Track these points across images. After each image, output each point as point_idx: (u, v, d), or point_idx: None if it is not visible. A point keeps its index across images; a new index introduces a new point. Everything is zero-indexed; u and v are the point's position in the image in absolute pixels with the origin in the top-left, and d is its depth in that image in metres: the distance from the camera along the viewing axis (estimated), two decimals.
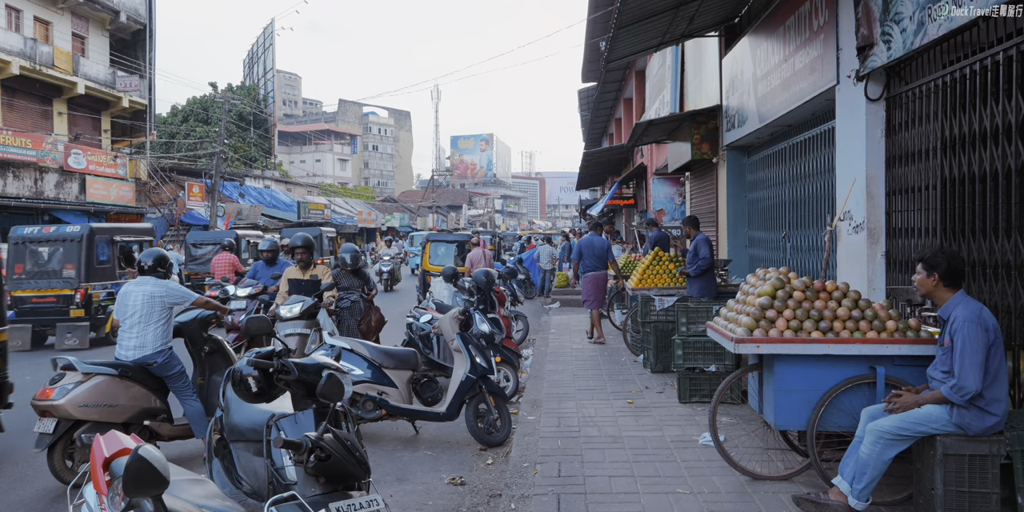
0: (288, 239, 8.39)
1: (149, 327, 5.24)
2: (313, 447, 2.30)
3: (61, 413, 4.78)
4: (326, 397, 2.58)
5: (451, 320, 6.06)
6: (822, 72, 6.35)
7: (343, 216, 41.12)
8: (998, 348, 3.38)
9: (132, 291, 5.30)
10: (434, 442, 5.96)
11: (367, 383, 5.80)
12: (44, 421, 4.83)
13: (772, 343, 4.02)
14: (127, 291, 5.34)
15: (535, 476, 4.58)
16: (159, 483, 1.90)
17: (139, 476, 1.87)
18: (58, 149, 21.62)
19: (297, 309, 6.63)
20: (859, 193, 5.61)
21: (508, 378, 7.32)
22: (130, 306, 5.25)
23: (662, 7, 8.03)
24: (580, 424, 5.83)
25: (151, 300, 5.24)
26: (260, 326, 3.30)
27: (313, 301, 6.68)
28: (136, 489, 1.89)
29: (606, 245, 10.16)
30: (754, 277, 4.63)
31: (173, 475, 2.87)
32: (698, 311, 6.57)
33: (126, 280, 10.66)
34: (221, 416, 3.77)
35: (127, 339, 5.24)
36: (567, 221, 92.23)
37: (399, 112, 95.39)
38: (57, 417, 4.80)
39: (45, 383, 5.01)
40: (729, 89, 9.92)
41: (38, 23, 24.33)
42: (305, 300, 6.69)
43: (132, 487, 1.88)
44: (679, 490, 4.24)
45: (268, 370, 3.09)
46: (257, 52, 49.51)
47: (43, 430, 4.81)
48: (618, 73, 21.16)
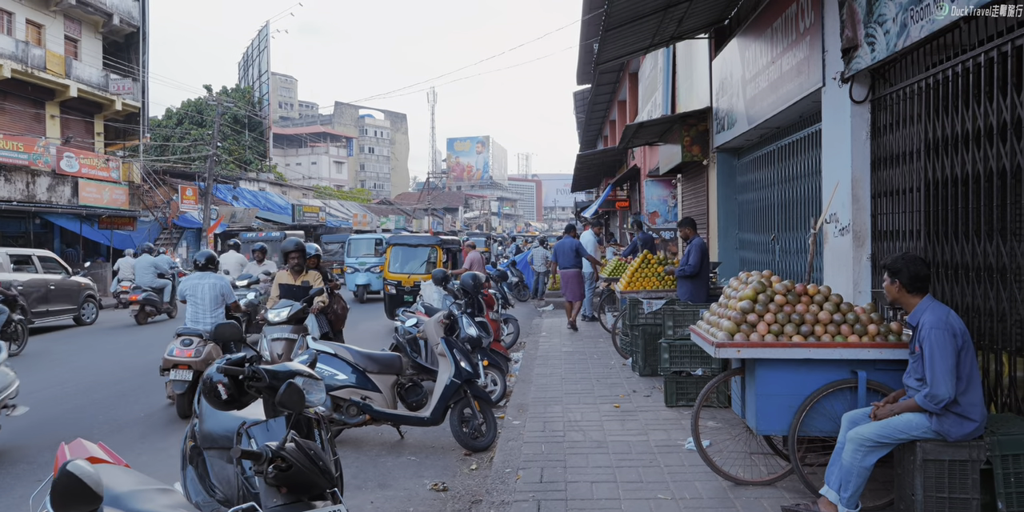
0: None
1: (219, 309, 6.98)
2: (274, 457, 2.25)
3: (197, 366, 6.43)
4: (285, 406, 2.53)
5: (436, 324, 6.01)
6: (808, 74, 6.33)
7: (338, 219, 41.02)
8: (968, 352, 3.35)
9: (199, 283, 6.98)
10: (419, 447, 5.92)
11: (351, 388, 5.75)
12: (180, 372, 6.46)
13: (753, 347, 3.99)
14: (195, 284, 6.98)
15: (517, 482, 4.54)
16: (91, 499, 1.84)
17: (67, 493, 1.81)
18: (50, 152, 21.53)
19: (284, 314, 6.59)
20: (845, 195, 5.58)
21: (496, 382, 7.28)
22: (199, 295, 6.95)
23: (651, 9, 8.01)
24: (565, 429, 5.79)
25: (214, 289, 6.96)
26: (229, 332, 3.24)
27: (301, 306, 6.64)
28: (65, 506, 1.83)
29: (574, 244, 11.90)
30: (736, 280, 4.59)
31: (138, 484, 2.83)
32: (685, 314, 6.54)
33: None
34: (195, 423, 3.72)
35: (203, 317, 6.91)
36: (563, 223, 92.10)
37: (395, 114, 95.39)
38: (194, 369, 6.40)
39: (177, 344, 6.62)
40: (719, 91, 9.90)
41: (30, 26, 24.25)
42: (293, 304, 6.65)
43: (61, 504, 1.82)
44: (660, 496, 4.20)
45: (238, 377, 3.04)
46: (252, 55, 49.49)
47: (181, 378, 6.44)
48: (612, 75, 21.14)
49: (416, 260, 14.22)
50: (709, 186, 10.90)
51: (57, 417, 6.86)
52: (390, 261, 14.35)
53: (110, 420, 6.74)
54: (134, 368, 9.35)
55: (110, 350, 11.23)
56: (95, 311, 15.16)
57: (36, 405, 7.03)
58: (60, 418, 6.83)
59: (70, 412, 7.08)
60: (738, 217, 10.14)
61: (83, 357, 10.52)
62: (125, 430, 6.40)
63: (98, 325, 14.69)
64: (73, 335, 13.26)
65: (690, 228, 8.27)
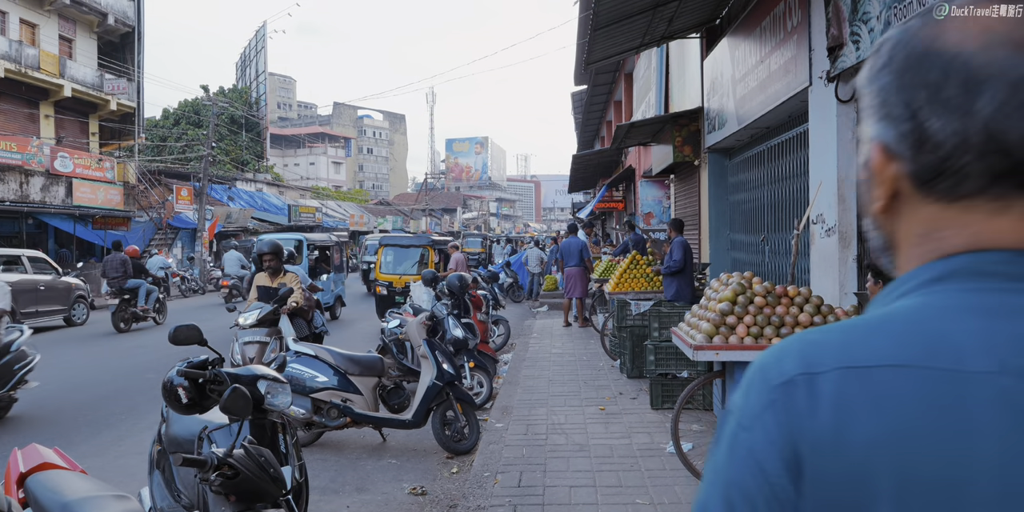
0: None
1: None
2: (220, 464, 2.18)
3: None
4: (229, 412, 2.46)
5: (418, 325, 5.94)
6: (796, 73, 6.27)
7: (335, 219, 40.96)
8: None
9: None
10: (401, 450, 5.85)
11: (331, 390, 5.68)
12: None
13: (731, 350, 3.92)
14: None
15: (495, 487, 4.47)
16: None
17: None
18: (44, 152, 21.46)
19: (253, 318, 6.48)
20: (831, 196, 5.52)
21: (482, 384, 7.20)
22: None
23: (639, 8, 7.95)
24: (548, 432, 5.72)
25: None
26: (188, 334, 3.17)
27: (272, 308, 6.52)
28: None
29: (580, 244, 12.05)
30: (717, 282, 4.53)
31: (93, 491, 2.77)
32: (670, 316, 6.47)
33: None
34: (163, 427, 3.65)
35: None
36: (562, 224, 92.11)
37: (394, 115, 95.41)
38: None
39: None
40: (710, 91, 9.84)
41: (24, 25, 24.19)
42: (263, 307, 6.55)
43: None
44: (639, 501, 4.13)
45: (199, 380, 2.98)
46: (249, 55, 49.45)
47: None
48: (607, 76, 21.09)
49: (408, 261, 13.96)
50: (701, 187, 10.84)
51: (35, 419, 6.79)
52: (381, 262, 14.14)
53: (90, 423, 6.67)
54: (117, 370, 9.28)
55: (95, 352, 11.15)
56: (86, 312, 15.07)
57: (16, 406, 6.96)
58: (38, 420, 6.76)
59: (49, 414, 7.00)
60: (730, 218, 10.07)
61: (67, 359, 10.44)
62: (104, 433, 6.32)
63: (88, 326, 14.60)
64: (61, 336, 13.18)
65: (674, 229, 8.25)
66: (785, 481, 0.61)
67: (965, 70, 0.63)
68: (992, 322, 0.62)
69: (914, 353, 0.61)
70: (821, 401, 0.61)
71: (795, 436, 0.61)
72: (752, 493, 0.62)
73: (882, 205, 0.72)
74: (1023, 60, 0.62)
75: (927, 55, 0.66)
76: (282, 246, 7.17)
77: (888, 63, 0.69)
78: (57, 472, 2.80)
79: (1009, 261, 0.64)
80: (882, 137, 0.70)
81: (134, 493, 3.36)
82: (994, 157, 0.63)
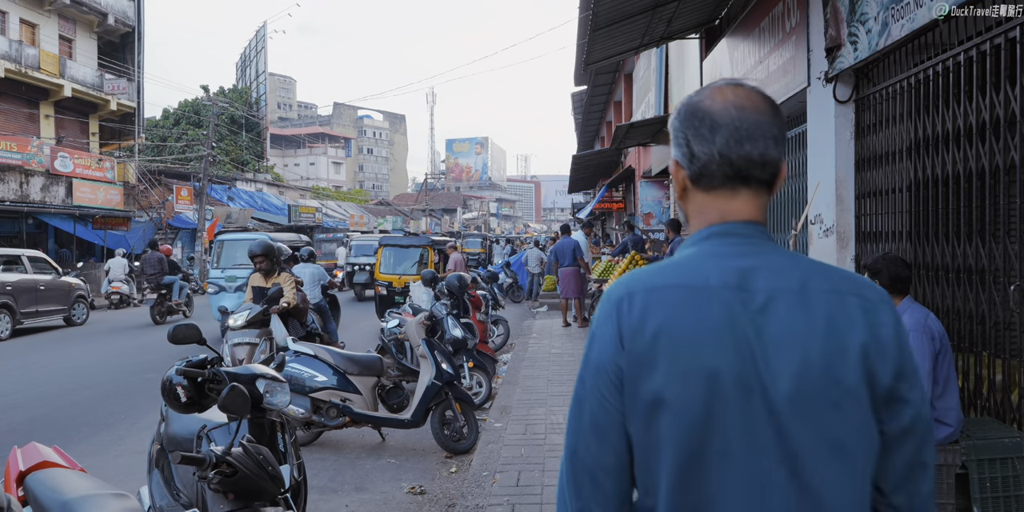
0: None
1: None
2: (218, 462, 2.20)
3: None
4: (228, 410, 2.47)
5: (416, 325, 5.96)
6: (794, 74, 6.28)
7: (335, 219, 40.95)
8: (946, 356, 3.29)
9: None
10: (400, 450, 5.86)
11: (330, 390, 5.69)
12: None
13: None
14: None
15: (493, 486, 4.48)
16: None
17: None
18: (44, 152, 21.47)
19: (242, 319, 6.46)
20: (829, 196, 5.53)
21: (481, 384, 7.22)
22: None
23: (639, 8, 7.96)
24: (547, 431, 5.73)
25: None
26: (187, 334, 3.18)
27: (261, 308, 6.50)
28: None
29: (573, 244, 12.06)
30: None
31: (92, 489, 2.78)
32: None
33: None
34: (162, 426, 3.67)
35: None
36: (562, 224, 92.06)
37: (394, 115, 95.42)
38: None
39: None
40: None
41: (24, 25, 24.21)
42: (253, 308, 6.53)
43: None
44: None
45: (198, 379, 2.99)
46: (249, 55, 49.47)
47: None
48: (607, 76, 21.11)
49: (407, 261, 13.96)
50: None
51: (37, 418, 6.80)
52: (381, 262, 14.11)
53: (89, 422, 6.68)
54: (117, 370, 9.29)
55: (95, 352, 11.17)
56: (86, 311, 15.09)
57: (16, 406, 6.98)
58: (39, 419, 6.77)
59: (49, 413, 7.02)
60: None
61: (67, 358, 10.46)
62: (103, 432, 6.34)
63: (88, 326, 14.62)
64: (61, 336, 13.20)
65: (672, 230, 8.28)
66: (618, 349, 1.10)
67: (711, 119, 1.13)
68: (727, 260, 1.11)
69: (684, 278, 1.11)
70: (634, 308, 1.10)
71: (621, 328, 1.11)
72: (604, 359, 1.12)
73: (679, 195, 1.23)
74: (740, 115, 1.12)
75: (695, 110, 1.15)
76: (274, 247, 7.12)
77: (678, 114, 1.18)
78: (57, 470, 2.81)
79: (740, 227, 1.14)
80: (675, 156, 1.20)
81: (133, 492, 3.38)
82: (726, 167, 1.13)
